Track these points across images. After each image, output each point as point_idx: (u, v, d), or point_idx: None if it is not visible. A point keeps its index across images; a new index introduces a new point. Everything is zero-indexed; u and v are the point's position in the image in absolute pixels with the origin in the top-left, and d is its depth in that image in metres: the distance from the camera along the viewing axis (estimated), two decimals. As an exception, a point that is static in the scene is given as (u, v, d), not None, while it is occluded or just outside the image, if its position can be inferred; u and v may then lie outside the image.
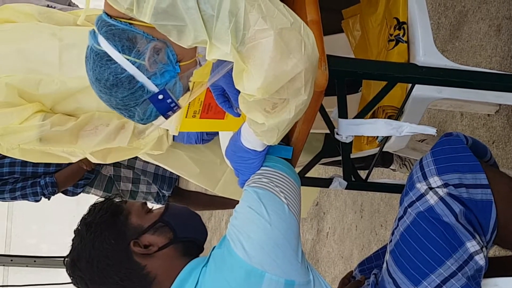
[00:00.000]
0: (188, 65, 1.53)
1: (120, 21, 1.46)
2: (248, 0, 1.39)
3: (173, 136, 2.33)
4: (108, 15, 1.47)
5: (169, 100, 1.50)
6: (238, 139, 1.66)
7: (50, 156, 2.27)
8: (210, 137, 2.35)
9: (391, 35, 2.12)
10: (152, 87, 1.48)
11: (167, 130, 2.29)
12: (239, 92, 1.54)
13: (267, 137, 1.57)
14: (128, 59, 1.45)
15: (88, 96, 2.18)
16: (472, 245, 1.56)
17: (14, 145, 2.19)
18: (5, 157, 3.69)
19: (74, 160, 2.31)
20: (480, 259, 1.56)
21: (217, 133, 2.28)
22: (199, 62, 1.57)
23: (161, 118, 1.54)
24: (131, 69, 1.46)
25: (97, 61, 1.47)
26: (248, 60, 1.43)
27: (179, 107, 1.53)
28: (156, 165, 3.97)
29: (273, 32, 1.40)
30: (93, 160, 2.28)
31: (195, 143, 2.33)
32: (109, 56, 1.45)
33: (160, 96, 1.49)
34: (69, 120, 2.22)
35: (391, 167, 3.07)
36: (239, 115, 1.76)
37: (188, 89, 1.58)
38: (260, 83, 1.42)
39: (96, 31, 1.47)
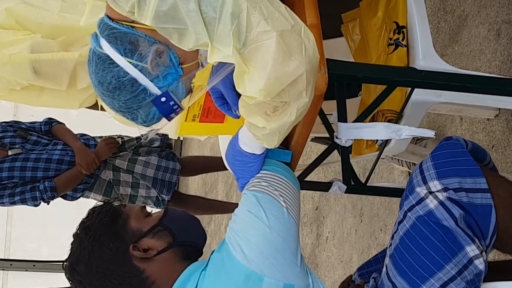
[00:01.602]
0: (190, 67, 1.54)
1: (122, 24, 1.46)
2: (250, 2, 1.39)
3: None
4: (110, 18, 1.48)
5: (171, 103, 1.50)
6: (236, 144, 1.66)
7: (38, 78, 2.27)
8: None
9: (390, 39, 2.12)
10: (154, 89, 1.48)
11: None
12: (237, 94, 1.54)
13: (268, 141, 1.57)
14: (130, 62, 1.45)
15: (85, 33, 2.21)
16: (471, 250, 1.56)
17: (6, 59, 2.20)
18: (4, 161, 3.69)
19: (64, 85, 2.30)
20: (480, 264, 1.56)
21: None
22: (201, 64, 1.57)
23: (163, 120, 1.54)
24: (134, 72, 1.46)
25: (100, 64, 1.47)
26: (250, 62, 1.43)
27: (181, 109, 1.53)
28: (156, 170, 3.98)
29: (276, 34, 1.40)
30: (84, 81, 2.29)
31: None
32: (112, 59, 1.45)
33: (163, 99, 1.49)
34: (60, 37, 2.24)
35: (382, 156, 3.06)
36: (238, 117, 1.76)
37: (191, 91, 1.58)
38: (262, 85, 1.42)
39: (98, 34, 1.48)
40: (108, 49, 1.46)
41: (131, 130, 2.50)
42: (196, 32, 1.40)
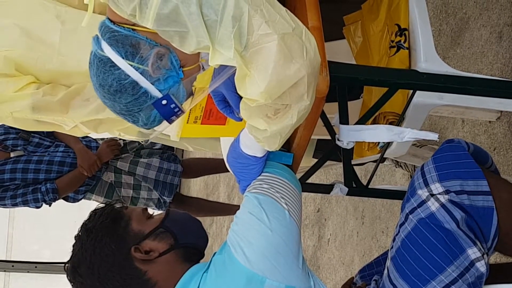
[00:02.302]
0: (191, 70, 1.54)
1: (123, 27, 1.46)
2: (252, 5, 1.40)
3: None
4: (111, 21, 1.48)
5: (172, 105, 1.50)
6: (237, 146, 1.66)
7: (42, 124, 2.28)
8: None
9: (392, 41, 2.12)
10: (155, 92, 1.48)
11: None
12: (239, 97, 1.54)
13: (269, 143, 1.57)
14: (131, 65, 1.45)
15: (84, 78, 2.20)
16: (473, 252, 1.56)
17: (7, 113, 2.20)
18: (6, 163, 3.69)
19: (66, 129, 2.32)
20: (481, 266, 1.56)
21: None
22: (203, 67, 1.57)
23: (164, 123, 1.54)
24: (135, 75, 1.46)
25: (101, 67, 1.47)
26: (251, 65, 1.43)
27: (182, 112, 1.53)
28: (157, 172, 3.98)
29: (277, 37, 1.40)
30: (85, 130, 2.29)
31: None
32: (113, 62, 1.46)
33: (164, 101, 1.49)
34: (61, 90, 2.23)
35: (385, 162, 3.07)
36: (241, 119, 1.76)
37: (192, 94, 1.58)
38: (263, 88, 1.42)
39: (100, 37, 1.48)
40: (109, 51, 1.46)
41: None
42: (197, 35, 1.40)
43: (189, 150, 2.85)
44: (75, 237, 1.66)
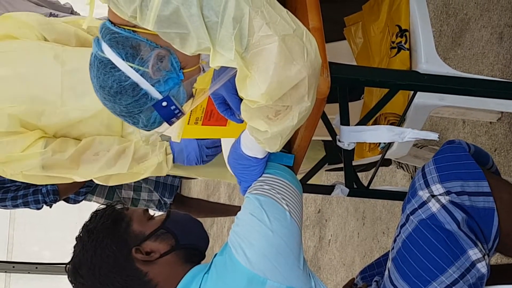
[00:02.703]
0: (192, 72, 1.54)
1: (124, 28, 1.46)
2: (252, 7, 1.40)
3: (173, 159, 2.33)
4: (112, 22, 1.48)
5: (173, 107, 1.50)
6: (238, 147, 1.66)
7: (53, 178, 2.28)
8: (210, 158, 2.34)
9: (393, 42, 2.12)
10: (156, 94, 1.48)
11: (166, 155, 2.29)
12: (240, 99, 1.54)
13: (270, 145, 1.57)
14: (131, 67, 1.45)
15: (90, 125, 2.21)
16: (474, 253, 1.56)
17: (17, 172, 2.20)
18: (7, 164, 3.69)
19: (77, 180, 2.33)
20: (482, 267, 1.56)
21: (218, 151, 2.29)
22: (203, 69, 1.57)
23: (165, 124, 1.54)
24: (135, 77, 1.46)
25: (101, 68, 1.47)
26: (252, 66, 1.43)
27: (183, 114, 1.53)
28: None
29: (278, 38, 1.41)
30: (96, 182, 2.30)
31: (195, 164, 2.32)
32: (113, 64, 1.46)
33: (164, 103, 1.49)
34: (70, 145, 2.22)
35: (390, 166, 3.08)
36: (241, 121, 1.76)
37: (192, 96, 1.58)
38: (264, 89, 1.42)
39: (100, 38, 1.48)
40: (109, 53, 1.46)
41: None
42: (198, 36, 1.41)
43: (199, 178, 2.86)
44: (76, 238, 1.66)
